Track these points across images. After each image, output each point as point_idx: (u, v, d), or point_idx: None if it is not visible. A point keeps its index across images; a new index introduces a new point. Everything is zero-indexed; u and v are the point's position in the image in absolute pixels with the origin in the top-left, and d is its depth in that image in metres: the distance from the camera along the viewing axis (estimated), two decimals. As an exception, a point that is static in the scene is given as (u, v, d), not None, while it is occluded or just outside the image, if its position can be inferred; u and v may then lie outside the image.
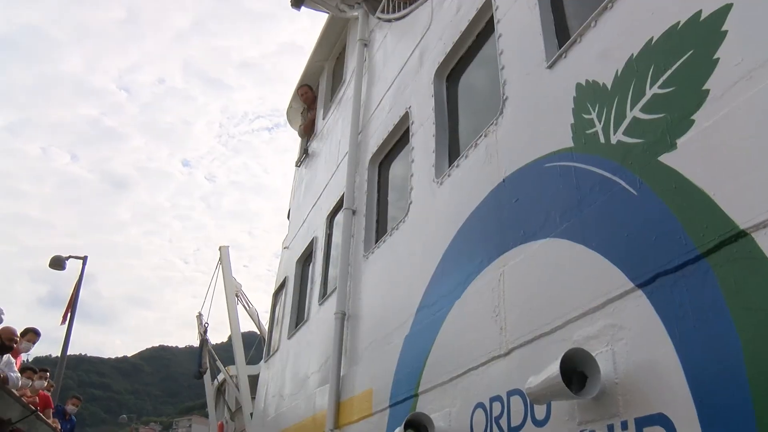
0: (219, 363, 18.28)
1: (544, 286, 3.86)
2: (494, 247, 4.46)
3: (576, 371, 3.23)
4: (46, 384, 12.01)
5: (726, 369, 2.62)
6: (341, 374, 6.55)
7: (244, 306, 17.91)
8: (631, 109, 3.52)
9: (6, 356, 9.05)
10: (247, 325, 19.79)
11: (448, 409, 4.46)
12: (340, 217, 8.17)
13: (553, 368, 3.13)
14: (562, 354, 3.16)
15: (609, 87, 3.74)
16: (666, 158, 3.18)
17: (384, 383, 5.51)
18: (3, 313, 9.04)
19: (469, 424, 4.18)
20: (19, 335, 9.83)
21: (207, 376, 18.30)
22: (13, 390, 8.98)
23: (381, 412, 5.47)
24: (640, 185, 3.32)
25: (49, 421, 11.55)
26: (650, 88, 3.41)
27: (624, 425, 3.04)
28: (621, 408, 3.09)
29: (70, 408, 14.20)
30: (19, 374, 9.78)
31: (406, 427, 4.40)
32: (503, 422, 3.88)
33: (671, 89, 3.25)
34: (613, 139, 3.60)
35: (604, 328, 3.31)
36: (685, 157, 3.06)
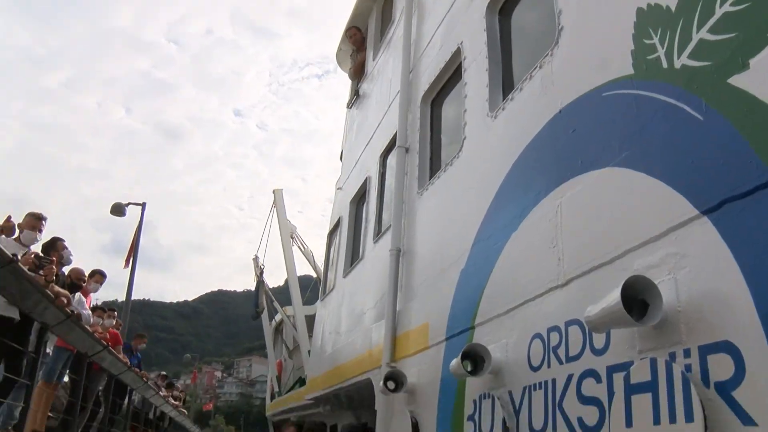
0: (276, 304, 18.78)
1: (603, 216, 3.80)
2: (551, 178, 4.38)
3: (637, 299, 3.19)
4: (114, 322, 12.59)
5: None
6: (397, 309, 6.63)
7: (299, 247, 18.26)
8: (698, 31, 3.35)
9: (77, 295, 9.50)
10: (302, 269, 20.20)
11: (505, 341, 4.48)
12: (393, 156, 8.15)
13: (614, 295, 3.09)
14: (623, 282, 3.12)
15: (673, 9, 3.57)
16: (736, 80, 3.03)
17: (440, 317, 5.57)
18: (71, 255, 9.45)
19: (527, 355, 4.20)
20: (87, 276, 10.28)
21: (264, 316, 18.86)
22: (86, 326, 9.43)
23: (437, 345, 5.54)
24: (706, 109, 3.19)
25: (120, 356, 12.16)
26: (720, 6, 3.23)
27: (687, 353, 3.00)
28: (684, 335, 3.04)
29: (137, 345, 14.89)
30: (91, 312, 10.26)
31: (462, 358, 4.45)
32: (561, 352, 3.88)
33: (745, 5, 3.08)
34: (677, 64, 3.45)
35: (666, 257, 3.24)
36: (759, 77, 2.91)
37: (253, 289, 19.05)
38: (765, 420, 2.58)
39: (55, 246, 9.00)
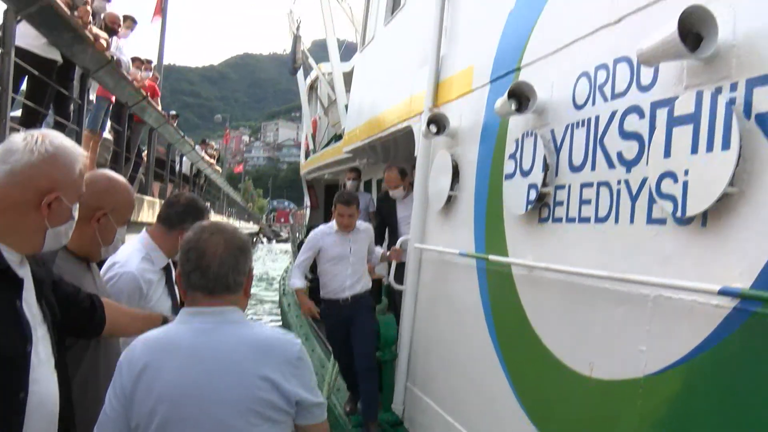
0: (311, 60, 18.56)
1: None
2: None
3: (691, 33, 3.17)
4: (151, 74, 12.79)
5: None
6: (441, 54, 6.52)
7: (336, -1, 17.23)
8: None
9: (114, 39, 9.52)
10: (339, 32, 19.53)
11: (552, 81, 4.53)
12: None
13: (670, 26, 3.09)
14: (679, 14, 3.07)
15: None
16: None
17: (485, 59, 5.50)
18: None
19: (572, 93, 4.27)
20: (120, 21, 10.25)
21: (300, 75, 18.82)
22: (125, 74, 9.63)
23: (481, 88, 5.56)
24: None
25: (158, 108, 12.56)
26: None
27: (734, 87, 3.02)
28: (733, 70, 3.06)
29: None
30: (130, 60, 10.39)
31: (509, 96, 4.53)
32: (607, 89, 3.93)
33: None
34: None
35: (729, -11, 3.15)
36: None
37: (279, 52, 18.76)
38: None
39: (88, -9, 8.84)
